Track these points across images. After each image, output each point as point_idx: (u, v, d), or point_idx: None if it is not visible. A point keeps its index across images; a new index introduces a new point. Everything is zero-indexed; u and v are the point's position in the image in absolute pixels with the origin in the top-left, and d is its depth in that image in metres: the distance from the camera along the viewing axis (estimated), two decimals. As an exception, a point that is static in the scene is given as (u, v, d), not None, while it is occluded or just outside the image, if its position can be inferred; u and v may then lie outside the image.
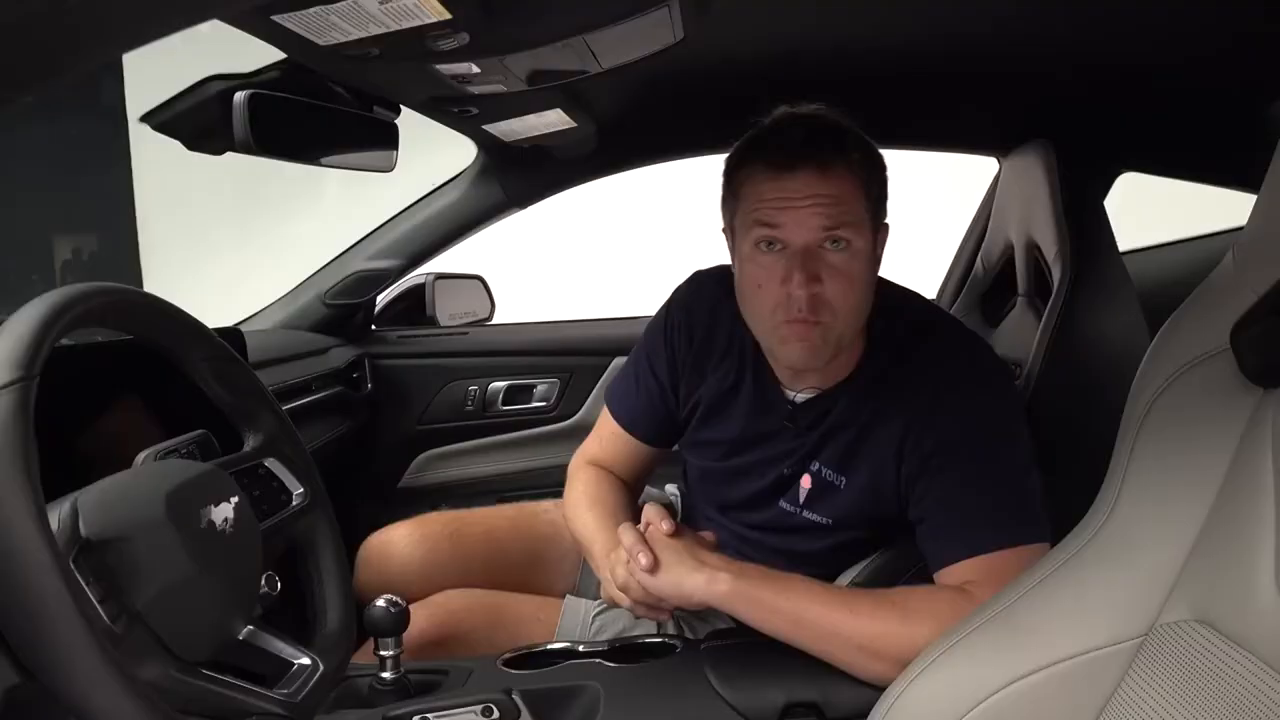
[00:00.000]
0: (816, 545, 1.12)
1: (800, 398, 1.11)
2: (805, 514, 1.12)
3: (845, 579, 1.10)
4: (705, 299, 1.20)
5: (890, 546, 1.10)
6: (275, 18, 0.79)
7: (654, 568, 0.99)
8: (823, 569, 1.11)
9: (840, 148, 0.99)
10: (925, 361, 1.05)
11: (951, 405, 1.02)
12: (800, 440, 1.10)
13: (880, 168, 1.04)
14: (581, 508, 1.22)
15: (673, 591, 1.00)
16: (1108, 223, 1.36)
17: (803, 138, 0.99)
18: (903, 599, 0.96)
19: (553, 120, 1.41)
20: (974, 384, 1.04)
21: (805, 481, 1.11)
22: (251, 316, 1.89)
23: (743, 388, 1.15)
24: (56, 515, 0.59)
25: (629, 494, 1.28)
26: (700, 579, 0.98)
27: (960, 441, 1.00)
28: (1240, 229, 0.74)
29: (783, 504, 1.13)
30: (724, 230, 1.09)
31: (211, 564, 0.66)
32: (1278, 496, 0.65)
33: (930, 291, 1.87)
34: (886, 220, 1.06)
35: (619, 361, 1.97)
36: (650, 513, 1.05)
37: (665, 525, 1.02)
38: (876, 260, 1.05)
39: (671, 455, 1.33)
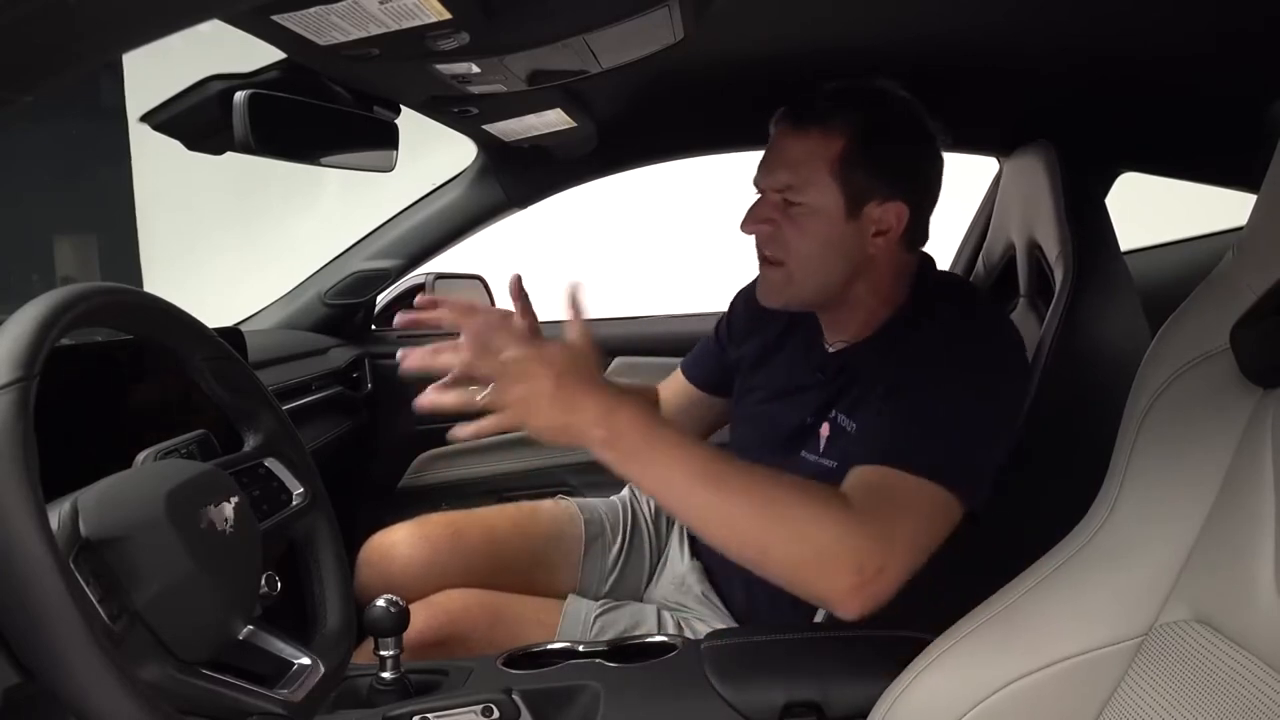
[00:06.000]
0: None
1: (832, 350, 1.18)
2: (823, 461, 1.13)
3: None
4: None
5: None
6: (275, 18, 0.79)
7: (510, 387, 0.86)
8: None
9: (825, 113, 1.07)
10: (937, 320, 1.08)
11: (959, 370, 1.02)
12: (826, 390, 1.15)
13: (886, 142, 1.07)
14: None
15: (540, 427, 0.87)
16: (1110, 223, 1.35)
17: (798, 101, 1.10)
18: (776, 481, 0.89)
19: (553, 120, 1.41)
20: (967, 339, 1.05)
21: (824, 430, 1.14)
22: (251, 316, 1.89)
23: (791, 340, 1.24)
24: (56, 515, 0.59)
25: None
26: (574, 426, 0.86)
27: (922, 377, 1.01)
28: (1240, 229, 0.74)
29: (804, 454, 1.15)
30: None
31: (211, 564, 0.66)
32: (1278, 496, 0.65)
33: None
34: (900, 199, 1.08)
35: (619, 361, 1.97)
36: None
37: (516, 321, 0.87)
38: (864, 231, 1.08)
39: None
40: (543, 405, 0.86)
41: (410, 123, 1.28)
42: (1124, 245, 1.36)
